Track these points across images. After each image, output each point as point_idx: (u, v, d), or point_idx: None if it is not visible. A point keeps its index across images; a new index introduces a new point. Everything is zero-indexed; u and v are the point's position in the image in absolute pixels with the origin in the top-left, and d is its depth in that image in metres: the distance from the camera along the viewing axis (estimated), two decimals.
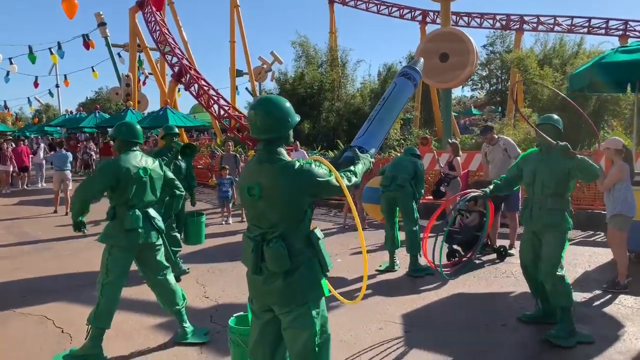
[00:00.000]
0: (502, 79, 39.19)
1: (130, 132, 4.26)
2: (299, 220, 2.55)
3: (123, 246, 4.11)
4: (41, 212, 12.23)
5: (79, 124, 25.73)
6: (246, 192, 2.59)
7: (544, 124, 4.59)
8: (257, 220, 2.60)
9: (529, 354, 4.13)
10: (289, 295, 2.52)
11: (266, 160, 2.56)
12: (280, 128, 2.57)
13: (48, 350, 4.35)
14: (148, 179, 4.20)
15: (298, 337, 2.54)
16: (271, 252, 2.49)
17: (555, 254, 4.39)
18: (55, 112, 53.26)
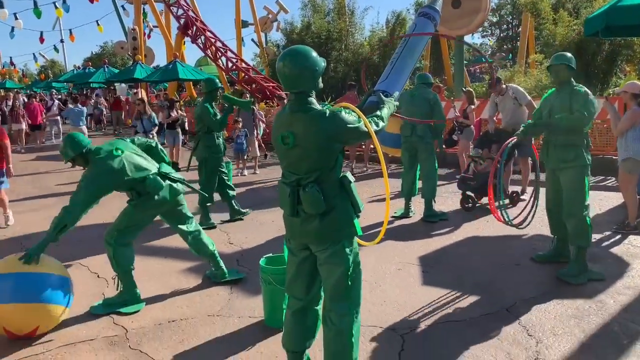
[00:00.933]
0: (513, 25, 38.39)
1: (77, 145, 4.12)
2: (332, 166, 2.71)
3: (153, 210, 4.31)
4: (59, 166, 12.47)
5: (88, 79, 25.68)
6: (280, 140, 2.72)
7: (557, 65, 4.64)
8: (292, 167, 2.75)
9: (543, 290, 4.36)
10: (325, 235, 2.71)
11: (298, 109, 2.69)
12: (309, 78, 2.68)
13: (89, 293, 4.64)
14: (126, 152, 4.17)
15: (333, 272, 2.75)
16: (308, 196, 2.66)
17: (577, 193, 4.54)
18: (61, 68, 53.00)
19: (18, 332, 3.76)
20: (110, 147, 4.17)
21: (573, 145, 4.56)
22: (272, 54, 24.61)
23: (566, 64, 4.60)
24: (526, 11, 21.03)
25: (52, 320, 3.88)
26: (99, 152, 4.11)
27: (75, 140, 4.13)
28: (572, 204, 4.56)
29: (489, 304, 4.11)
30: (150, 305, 4.33)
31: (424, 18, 3.90)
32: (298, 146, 2.66)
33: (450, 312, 4.02)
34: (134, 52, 22.85)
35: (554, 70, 4.64)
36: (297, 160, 2.70)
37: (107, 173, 4.03)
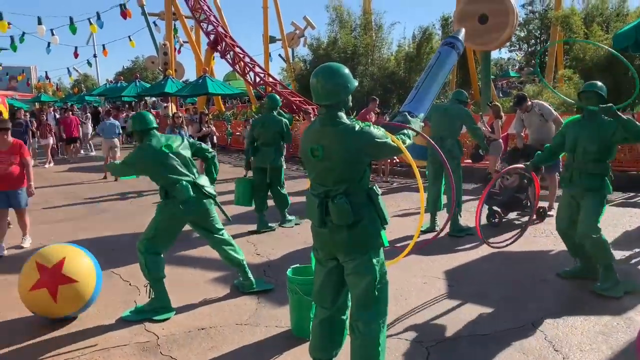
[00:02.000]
0: (542, 40, 38.03)
1: (143, 122, 4.47)
2: (359, 178, 2.80)
3: (178, 217, 4.44)
4: (92, 178, 12.83)
5: (120, 93, 26.34)
6: (309, 153, 2.82)
7: (588, 91, 4.65)
8: (321, 179, 2.85)
9: (569, 306, 4.34)
10: (352, 245, 2.79)
11: (328, 123, 2.79)
12: (340, 94, 2.79)
13: (120, 300, 4.79)
14: (174, 153, 4.40)
15: (360, 281, 2.82)
16: (336, 208, 2.74)
17: (593, 216, 4.55)
18: (94, 82, 54.36)
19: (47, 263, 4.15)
20: (163, 141, 4.43)
21: (600, 174, 4.58)
22: (298, 68, 24.89)
23: (595, 92, 4.59)
24: (557, 25, 20.87)
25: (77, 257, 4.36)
26: (150, 139, 4.43)
27: (141, 118, 4.52)
28: (588, 226, 4.55)
29: (515, 319, 4.11)
30: (181, 313, 4.45)
31: (448, 47, 4.15)
32: (327, 159, 2.76)
33: (476, 326, 4.03)
34: (164, 67, 23.39)
35: (585, 97, 4.64)
36: (326, 173, 2.80)
37: (138, 158, 4.42)
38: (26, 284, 4.13)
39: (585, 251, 4.78)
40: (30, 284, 4.10)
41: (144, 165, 4.44)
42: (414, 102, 3.72)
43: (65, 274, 4.14)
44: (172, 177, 4.34)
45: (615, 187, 8.53)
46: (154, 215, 4.51)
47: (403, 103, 4.04)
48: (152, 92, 22.89)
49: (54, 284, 4.08)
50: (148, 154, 4.38)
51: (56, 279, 4.10)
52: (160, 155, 4.35)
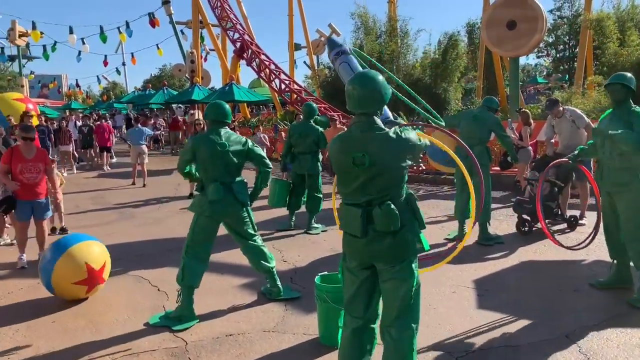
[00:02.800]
0: (570, 45, 37.42)
1: (217, 113, 4.57)
2: (401, 184, 2.80)
3: (207, 216, 4.47)
4: (120, 184, 13.04)
5: (148, 100, 26.77)
6: (351, 161, 2.75)
7: (614, 84, 4.53)
8: (365, 188, 2.77)
9: (604, 317, 4.22)
10: (396, 251, 2.78)
11: (368, 129, 2.77)
12: (376, 102, 2.78)
13: (149, 305, 4.83)
14: (226, 153, 4.45)
15: (400, 287, 2.80)
16: (383, 214, 2.71)
17: (636, 216, 4.42)
18: (122, 90, 55.42)
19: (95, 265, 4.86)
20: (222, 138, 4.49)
21: (628, 168, 4.44)
22: (323, 75, 24.96)
23: (622, 84, 4.47)
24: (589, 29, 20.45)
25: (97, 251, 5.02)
26: (216, 130, 4.53)
27: (217, 108, 4.61)
28: (632, 229, 4.43)
29: (548, 330, 4.02)
30: (209, 319, 4.46)
31: None
32: (373, 166, 2.73)
33: (507, 337, 3.95)
34: (191, 75, 23.72)
35: (611, 90, 4.55)
36: (371, 180, 2.74)
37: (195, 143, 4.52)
38: (70, 278, 4.76)
39: (625, 257, 4.65)
40: (75, 279, 4.77)
41: (195, 152, 4.49)
42: None
43: (98, 269, 4.91)
44: (211, 174, 4.44)
45: None
46: (183, 220, 4.57)
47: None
48: (180, 100, 23.23)
49: (94, 283, 4.91)
50: (204, 142, 4.45)
51: (98, 280, 4.94)
52: (212, 149, 4.42)
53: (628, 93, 4.49)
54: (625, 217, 4.49)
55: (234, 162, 4.54)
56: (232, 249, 5.66)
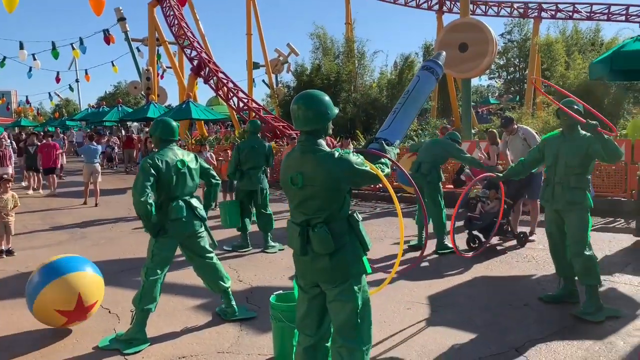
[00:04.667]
0: (520, 68, 38.89)
1: (166, 130, 4.50)
2: (340, 206, 2.79)
3: (168, 235, 4.39)
4: (72, 203, 12.65)
5: (102, 117, 26.21)
6: (289, 181, 2.82)
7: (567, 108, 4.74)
8: (301, 207, 2.83)
9: (552, 330, 4.35)
10: (334, 273, 2.77)
11: (308, 150, 2.80)
12: (320, 120, 2.81)
13: (99, 328, 4.68)
14: (186, 171, 4.44)
15: (342, 309, 2.80)
16: (317, 237, 2.74)
17: (581, 232, 4.62)
18: (75, 107, 54.10)
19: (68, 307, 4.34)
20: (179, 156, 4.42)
21: (580, 188, 4.65)
22: (282, 94, 25.08)
23: (573, 107, 4.70)
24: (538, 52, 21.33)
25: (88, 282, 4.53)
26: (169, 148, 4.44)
27: (165, 126, 4.52)
28: (578, 244, 4.62)
29: (498, 344, 4.11)
30: (161, 342, 4.36)
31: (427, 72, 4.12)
32: (307, 186, 2.76)
33: (459, 352, 4.01)
34: (147, 92, 23.38)
35: (563, 114, 4.75)
36: (306, 200, 2.79)
37: (153, 163, 4.31)
38: (55, 324, 4.51)
39: (572, 273, 4.84)
40: (60, 324, 4.50)
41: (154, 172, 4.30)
42: (390, 130, 3.64)
43: (87, 305, 4.50)
44: (172, 193, 4.35)
45: (594, 212, 8.70)
46: (137, 240, 4.46)
47: None
48: (135, 117, 22.83)
49: (83, 316, 4.56)
50: (162, 162, 4.32)
51: (83, 312, 4.52)
52: (172, 168, 4.33)
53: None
54: (572, 233, 4.67)
55: (193, 179, 4.51)
56: (186, 269, 5.56)
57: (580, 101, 4.82)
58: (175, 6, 23.10)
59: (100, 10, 18.92)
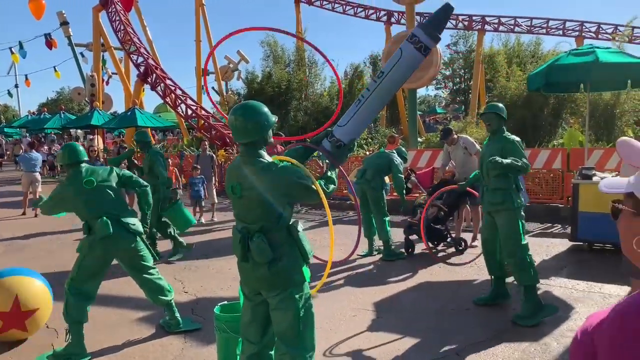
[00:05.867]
0: (466, 78, 40.10)
1: (71, 154, 4.37)
2: (278, 216, 2.79)
3: (98, 255, 4.24)
4: (9, 214, 12.12)
5: (44, 124, 25.25)
6: (230, 190, 2.85)
7: (488, 113, 4.98)
8: (241, 216, 2.86)
9: (491, 334, 4.49)
10: (273, 282, 2.79)
11: (247, 161, 2.81)
12: (258, 131, 2.80)
13: (36, 344, 4.51)
14: (98, 189, 4.28)
15: (283, 317, 2.81)
16: (255, 246, 2.75)
17: (512, 232, 4.80)
18: (15, 113, 51.88)
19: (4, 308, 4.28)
20: (87, 175, 4.28)
21: (501, 189, 4.84)
22: (232, 101, 24.91)
23: (496, 113, 4.92)
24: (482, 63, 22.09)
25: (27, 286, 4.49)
26: (77, 172, 4.31)
27: (69, 150, 4.39)
28: (510, 245, 4.82)
29: (440, 348, 4.21)
30: (102, 355, 4.24)
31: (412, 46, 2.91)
32: (245, 197, 2.77)
33: (402, 356, 4.09)
34: (91, 99, 22.74)
35: (486, 119, 4.96)
36: (244, 210, 2.81)
37: (60, 194, 4.33)
38: None
39: (501, 273, 5.04)
40: None
41: (65, 202, 4.31)
42: (349, 126, 3.05)
43: (25, 310, 4.38)
44: (92, 213, 4.20)
45: (533, 218, 9.08)
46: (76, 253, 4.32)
47: None
48: (78, 124, 22.12)
49: (20, 322, 4.39)
50: (69, 190, 4.26)
51: (20, 318, 4.37)
52: (80, 191, 4.21)
53: (501, 121, 4.92)
54: (503, 234, 4.86)
55: (110, 194, 4.35)
56: (127, 279, 5.41)
57: None
58: (121, 11, 22.59)
59: (40, 14, 18.32)
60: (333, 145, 3.01)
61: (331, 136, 3.05)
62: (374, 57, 36.77)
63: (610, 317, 1.21)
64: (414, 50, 2.93)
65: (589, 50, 7.71)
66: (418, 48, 2.92)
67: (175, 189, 8.07)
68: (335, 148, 3.02)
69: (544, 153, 10.28)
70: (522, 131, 12.78)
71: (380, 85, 3.01)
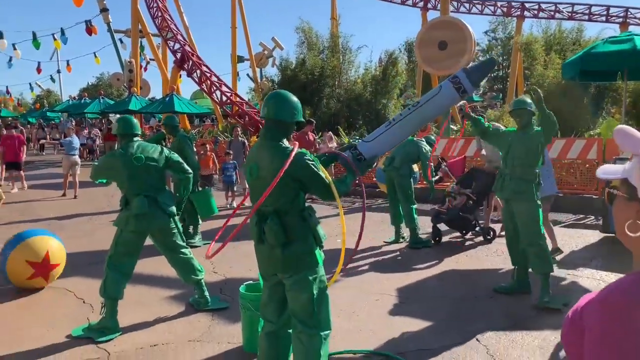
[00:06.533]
0: (504, 66, 39.32)
1: (126, 126, 4.56)
2: (291, 200, 2.89)
3: (132, 230, 4.44)
4: (50, 195, 12.60)
5: (84, 109, 26.00)
6: (248, 171, 2.96)
7: (519, 109, 4.98)
8: (256, 197, 2.95)
9: (513, 321, 4.52)
10: (287, 264, 2.89)
11: (266, 143, 2.93)
12: (286, 113, 2.92)
13: (72, 317, 4.75)
14: (144, 167, 4.43)
15: (298, 298, 2.93)
16: (268, 228, 2.86)
17: (532, 222, 4.83)
18: (57, 98, 53.43)
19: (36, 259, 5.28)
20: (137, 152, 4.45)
21: (526, 179, 4.86)
22: (266, 88, 25.08)
23: (526, 109, 4.92)
24: (519, 51, 21.63)
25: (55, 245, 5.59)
26: (128, 145, 4.49)
27: (125, 122, 4.63)
28: (530, 234, 4.85)
29: (462, 334, 4.26)
30: (134, 330, 4.45)
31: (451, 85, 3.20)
32: (260, 177, 2.87)
33: (423, 340, 4.16)
34: (129, 84, 23.26)
35: (516, 115, 4.98)
36: (260, 191, 2.87)
37: (106, 163, 4.52)
38: (22, 276, 5.29)
39: (524, 263, 5.05)
40: (26, 276, 5.28)
41: (111, 171, 4.45)
42: (374, 143, 3.24)
43: (52, 263, 5.41)
44: (133, 189, 4.39)
45: (565, 209, 8.95)
46: (114, 232, 4.53)
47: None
48: (116, 109, 22.68)
49: (46, 272, 5.40)
50: (118, 160, 4.39)
51: (48, 268, 5.39)
52: (127, 164, 4.37)
53: (531, 115, 4.94)
54: (523, 223, 4.87)
55: (154, 173, 4.51)
56: (160, 259, 5.62)
57: None
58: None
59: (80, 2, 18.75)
60: (354, 157, 3.18)
61: (354, 149, 3.23)
62: (409, 44, 36.32)
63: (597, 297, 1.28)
64: (453, 90, 3.20)
65: (627, 37, 7.51)
66: (457, 88, 3.19)
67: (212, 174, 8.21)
68: (356, 161, 3.18)
69: (578, 143, 10.06)
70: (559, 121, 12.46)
71: (412, 113, 3.24)
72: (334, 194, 2.89)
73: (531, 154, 4.87)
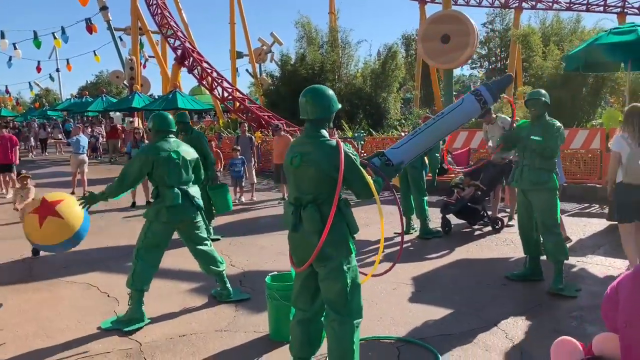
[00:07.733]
0: (502, 57, 39.36)
1: (162, 123, 4.74)
2: (329, 190, 3.03)
3: (164, 222, 4.60)
4: None
5: (86, 108, 26.07)
6: (289, 161, 3.10)
7: (534, 99, 5.10)
8: (296, 187, 3.11)
9: (528, 307, 4.69)
10: (322, 252, 3.01)
11: (310, 135, 3.09)
12: (324, 111, 3.09)
13: (98, 311, 4.89)
14: (180, 162, 4.65)
15: (332, 287, 3.07)
16: (306, 215, 3.01)
17: (550, 212, 4.98)
18: (56, 97, 53.47)
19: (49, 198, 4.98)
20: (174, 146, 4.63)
21: (547, 170, 5.00)
22: (266, 84, 25.17)
23: (541, 99, 5.05)
24: (517, 43, 21.74)
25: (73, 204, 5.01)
26: (164, 139, 4.67)
27: (162, 118, 4.77)
28: (549, 223, 4.99)
29: (478, 320, 4.42)
30: (161, 322, 4.60)
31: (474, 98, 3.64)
32: (303, 167, 3.02)
33: (441, 327, 4.32)
34: (130, 82, 23.34)
35: (531, 104, 5.10)
36: (300, 180, 3.06)
37: (146, 154, 4.60)
38: (33, 225, 4.96)
39: (537, 252, 5.20)
40: (31, 209, 5.05)
41: (148, 162, 4.55)
42: (401, 150, 3.52)
43: (56, 210, 4.92)
44: (169, 182, 4.56)
45: (570, 198, 9.10)
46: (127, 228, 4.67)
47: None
48: (119, 107, 22.79)
49: (44, 213, 4.91)
50: (157, 152, 4.56)
51: (48, 210, 4.92)
52: (167, 157, 4.56)
53: (545, 106, 5.06)
54: (541, 212, 5.01)
55: (188, 169, 4.74)
56: (183, 253, 5.77)
57: None
58: None
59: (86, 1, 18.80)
60: (382, 163, 3.41)
61: (382, 155, 3.47)
62: (407, 37, 36.38)
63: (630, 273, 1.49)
64: (475, 101, 3.65)
65: (630, 28, 7.64)
66: (478, 100, 3.65)
67: None
68: (384, 166, 3.40)
69: (582, 133, 10.22)
70: (559, 111, 12.65)
71: (437, 122, 3.61)
72: (372, 191, 3.05)
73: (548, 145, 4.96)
